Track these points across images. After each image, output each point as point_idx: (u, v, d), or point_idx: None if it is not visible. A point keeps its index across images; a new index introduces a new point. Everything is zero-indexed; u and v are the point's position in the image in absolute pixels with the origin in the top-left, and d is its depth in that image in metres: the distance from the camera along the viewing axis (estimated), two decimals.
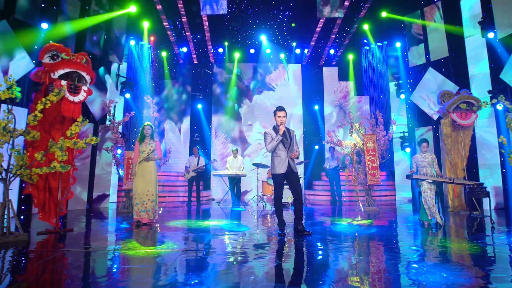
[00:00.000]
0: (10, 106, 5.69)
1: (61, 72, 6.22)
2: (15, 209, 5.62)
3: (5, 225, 5.34)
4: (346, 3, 10.72)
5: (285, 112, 6.09)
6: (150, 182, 7.08)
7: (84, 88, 6.47)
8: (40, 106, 5.74)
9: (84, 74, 6.46)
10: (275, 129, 6.05)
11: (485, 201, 8.87)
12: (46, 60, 6.31)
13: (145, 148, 7.12)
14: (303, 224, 5.99)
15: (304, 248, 4.85)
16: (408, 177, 7.26)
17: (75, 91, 6.34)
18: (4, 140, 5.44)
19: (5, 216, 5.38)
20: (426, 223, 6.94)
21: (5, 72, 7.84)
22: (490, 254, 4.69)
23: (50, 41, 9.01)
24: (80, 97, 6.41)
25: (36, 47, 8.78)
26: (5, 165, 5.49)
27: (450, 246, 5.06)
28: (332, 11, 9.91)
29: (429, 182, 7.01)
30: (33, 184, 6.07)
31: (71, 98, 6.27)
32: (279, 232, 5.92)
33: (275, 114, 6.04)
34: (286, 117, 6.08)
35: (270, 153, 6.10)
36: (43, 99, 5.80)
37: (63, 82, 6.19)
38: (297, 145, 6.19)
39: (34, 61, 8.59)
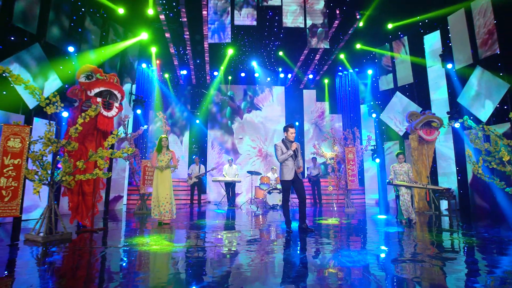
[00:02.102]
0: (52, 121, 5.66)
1: (97, 90, 6.21)
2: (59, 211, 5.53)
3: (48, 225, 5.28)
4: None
5: (295, 128, 6.27)
6: (168, 187, 7.10)
7: (116, 104, 6.47)
8: (80, 120, 5.71)
9: (116, 92, 6.46)
10: (284, 142, 6.18)
11: (443, 202, 9.35)
12: (82, 79, 6.29)
13: (163, 158, 7.15)
14: (306, 223, 6.16)
15: (311, 242, 5.00)
16: (388, 183, 7.55)
17: (108, 107, 6.34)
18: (51, 149, 5.39)
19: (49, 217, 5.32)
20: (404, 222, 7.20)
21: None
22: (463, 242, 4.99)
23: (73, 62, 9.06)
24: (113, 112, 6.40)
25: (61, 67, 8.70)
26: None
27: (437, 239, 5.32)
28: (319, 42, 10.21)
29: (406, 187, 7.32)
30: (69, 189, 6.02)
31: (105, 113, 6.26)
32: (286, 229, 6.05)
33: (287, 130, 6.17)
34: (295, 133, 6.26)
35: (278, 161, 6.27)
36: (83, 114, 5.77)
37: (99, 99, 6.18)
38: (301, 156, 6.36)
39: (60, 80, 8.54)
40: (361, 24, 10.74)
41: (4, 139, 4.85)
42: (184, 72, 14.38)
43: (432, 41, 10.87)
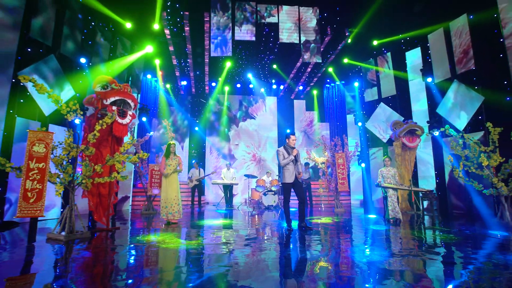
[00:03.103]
0: (71, 128, 5.67)
1: (112, 99, 6.24)
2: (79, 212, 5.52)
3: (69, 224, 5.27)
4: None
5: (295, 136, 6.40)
6: (175, 189, 7.15)
7: (130, 112, 6.50)
8: (98, 127, 5.74)
9: (129, 101, 6.50)
10: (286, 148, 6.29)
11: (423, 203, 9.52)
12: (98, 89, 6.31)
13: (171, 162, 7.19)
14: (305, 221, 6.27)
15: (315, 239, 5.11)
16: (377, 185, 7.72)
17: (122, 115, 6.37)
18: (71, 154, 5.40)
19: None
20: (391, 220, 7.37)
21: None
22: (442, 238, 5.16)
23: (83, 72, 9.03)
24: (127, 120, 6.43)
25: (74, 77, 8.69)
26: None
27: (424, 236, 5.49)
28: (311, 57, 10.41)
29: (393, 189, 7.50)
30: (89, 191, 6.01)
31: (120, 120, 6.29)
32: (287, 228, 6.14)
33: (288, 137, 6.28)
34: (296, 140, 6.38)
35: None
36: (101, 121, 5.81)
37: (114, 108, 6.20)
38: (300, 162, 6.46)
39: (73, 89, 8.54)
40: (349, 40, 10.98)
41: (30, 144, 4.85)
42: (184, 82, 14.43)
43: (413, 57, 11.15)
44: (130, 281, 2.97)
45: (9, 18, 6.68)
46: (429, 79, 9.98)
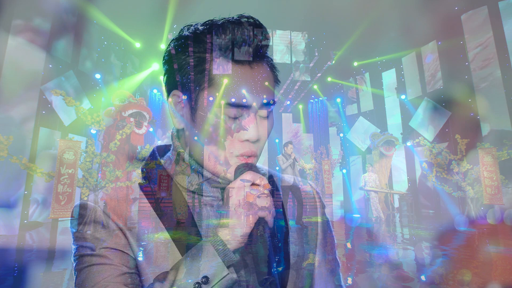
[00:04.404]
0: (92, 138, 5.74)
1: (130, 111, 6.33)
2: None
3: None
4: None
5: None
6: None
7: (145, 123, 6.59)
8: (118, 136, 5.82)
9: (145, 113, 6.60)
10: (284, 155, 6.52)
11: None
12: (117, 102, 6.39)
13: None
14: (302, 221, 6.44)
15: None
16: (361, 189, 8.00)
17: (139, 125, 6.45)
18: (96, 161, 5.45)
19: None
20: (373, 219, 7.64)
21: None
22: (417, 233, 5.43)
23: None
24: (143, 130, 6.51)
25: (89, 91, 8.70)
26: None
27: (402, 231, 5.74)
28: (301, 75, 10.71)
29: (375, 192, 7.79)
30: (107, 194, 6.03)
31: (137, 131, 6.37)
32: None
33: (287, 146, 6.54)
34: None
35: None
36: (121, 131, 5.89)
37: (132, 119, 6.29)
38: (297, 170, 6.67)
39: (90, 103, 8.54)
40: (333, 61, 11.34)
41: (61, 152, 4.89)
42: (184, 97, 14.50)
43: (389, 77, 11.57)
44: None
45: (39, 39, 6.72)
46: (403, 96, 10.40)
